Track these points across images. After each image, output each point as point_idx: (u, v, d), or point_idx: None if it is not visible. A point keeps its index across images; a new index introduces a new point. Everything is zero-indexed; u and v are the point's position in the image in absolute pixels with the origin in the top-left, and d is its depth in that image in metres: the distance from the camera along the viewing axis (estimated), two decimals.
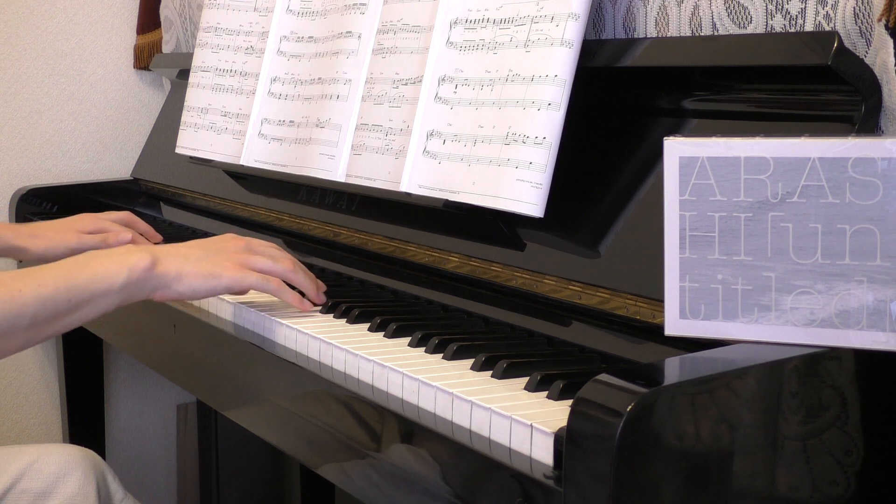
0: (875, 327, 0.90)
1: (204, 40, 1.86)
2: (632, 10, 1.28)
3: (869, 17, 1.03)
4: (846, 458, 0.92)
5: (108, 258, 1.21)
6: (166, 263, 1.23)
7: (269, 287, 1.29)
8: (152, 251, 1.24)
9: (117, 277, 1.19)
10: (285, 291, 1.31)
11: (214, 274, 1.26)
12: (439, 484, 0.98)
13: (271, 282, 1.29)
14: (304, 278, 1.34)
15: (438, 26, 1.36)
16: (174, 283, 1.24)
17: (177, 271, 1.24)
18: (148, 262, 1.21)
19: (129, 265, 1.20)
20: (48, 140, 2.33)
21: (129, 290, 1.21)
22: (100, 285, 1.18)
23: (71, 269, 1.18)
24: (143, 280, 1.21)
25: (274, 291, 1.30)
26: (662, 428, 0.82)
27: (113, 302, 1.20)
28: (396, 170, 1.37)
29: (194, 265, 1.25)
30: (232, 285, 1.27)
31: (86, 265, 1.19)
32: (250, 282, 1.28)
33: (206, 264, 1.26)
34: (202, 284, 1.25)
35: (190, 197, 2.03)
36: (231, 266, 1.27)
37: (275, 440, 1.31)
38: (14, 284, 1.13)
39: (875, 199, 0.90)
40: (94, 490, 1.38)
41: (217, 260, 1.28)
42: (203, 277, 1.25)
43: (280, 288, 1.30)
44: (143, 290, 1.22)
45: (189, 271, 1.25)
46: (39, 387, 2.35)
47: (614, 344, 1.13)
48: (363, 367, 1.14)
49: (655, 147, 1.17)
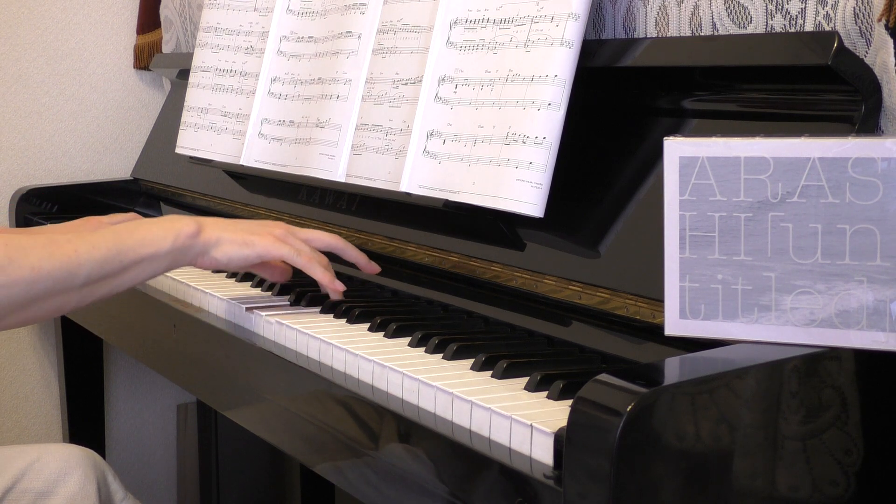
0: (875, 327, 0.90)
1: (204, 40, 1.86)
2: (632, 10, 1.28)
3: (869, 17, 1.03)
4: (846, 458, 0.92)
5: (156, 224, 1.28)
6: (208, 231, 1.29)
7: (299, 260, 1.33)
8: (198, 220, 1.30)
9: (164, 242, 1.25)
10: (315, 268, 1.34)
11: (248, 242, 1.31)
12: (439, 484, 0.98)
13: (302, 256, 1.33)
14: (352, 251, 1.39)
15: (438, 26, 1.36)
16: (212, 250, 1.30)
17: (217, 238, 1.30)
18: (193, 230, 1.28)
19: (175, 231, 1.27)
20: (48, 140, 2.33)
21: (174, 255, 1.27)
22: (148, 249, 1.24)
23: (121, 234, 1.24)
24: (187, 246, 1.27)
25: (303, 265, 1.34)
26: (662, 428, 0.82)
27: (160, 266, 1.26)
28: (396, 170, 1.37)
29: (232, 234, 1.31)
30: (263, 253, 1.32)
31: (135, 230, 1.25)
32: (282, 251, 1.33)
33: (243, 234, 1.32)
34: (236, 251, 1.31)
35: (190, 197, 2.03)
36: (267, 236, 1.33)
37: (275, 440, 1.31)
38: (69, 245, 1.18)
39: (875, 199, 0.90)
40: (95, 490, 1.38)
41: (256, 230, 1.33)
42: (238, 245, 1.31)
43: (309, 263, 1.34)
44: (186, 256, 1.28)
45: (227, 238, 1.30)
46: (39, 387, 2.35)
47: (614, 344, 1.13)
48: (363, 367, 1.14)
49: (655, 147, 1.17)
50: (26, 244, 1.16)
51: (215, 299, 1.45)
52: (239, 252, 1.31)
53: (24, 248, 1.15)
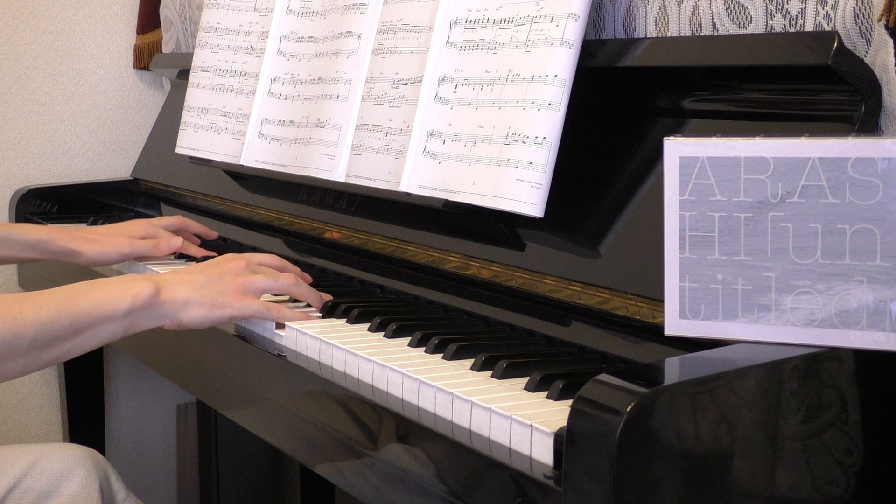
0: (875, 327, 0.90)
1: (204, 40, 1.86)
2: (632, 10, 1.28)
3: (869, 17, 1.03)
4: (846, 458, 0.92)
5: (111, 285, 1.22)
6: (171, 292, 1.24)
7: (270, 315, 1.29)
8: (156, 280, 1.24)
9: (121, 304, 1.20)
10: (287, 315, 1.30)
11: (218, 304, 1.26)
12: (439, 484, 0.98)
13: (272, 311, 1.29)
14: (307, 292, 1.35)
15: (438, 26, 1.36)
16: (180, 312, 1.24)
17: (183, 300, 1.24)
18: (151, 291, 1.22)
19: (132, 293, 1.21)
20: (48, 140, 2.33)
21: (132, 318, 1.21)
22: (102, 312, 1.19)
23: (73, 294, 1.19)
24: (147, 308, 1.22)
25: (276, 319, 1.30)
26: (662, 428, 0.82)
27: (117, 329, 1.21)
28: (396, 170, 1.37)
29: (198, 293, 1.25)
30: (235, 315, 1.28)
31: (88, 291, 1.20)
32: (252, 310, 1.28)
33: (209, 292, 1.26)
34: (207, 315, 1.26)
35: (190, 197, 2.03)
36: (233, 294, 1.27)
37: (274, 440, 1.31)
38: (15, 306, 1.14)
39: (875, 199, 0.90)
40: (97, 489, 1.38)
41: (220, 288, 1.28)
42: (208, 308, 1.25)
43: (281, 314, 1.30)
44: (150, 319, 1.23)
45: (194, 300, 1.25)
46: (39, 387, 2.35)
47: (614, 344, 1.13)
48: (363, 367, 1.14)
49: (655, 147, 1.17)
50: None
51: None
52: (210, 315, 1.26)
53: None
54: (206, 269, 1.32)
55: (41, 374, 2.35)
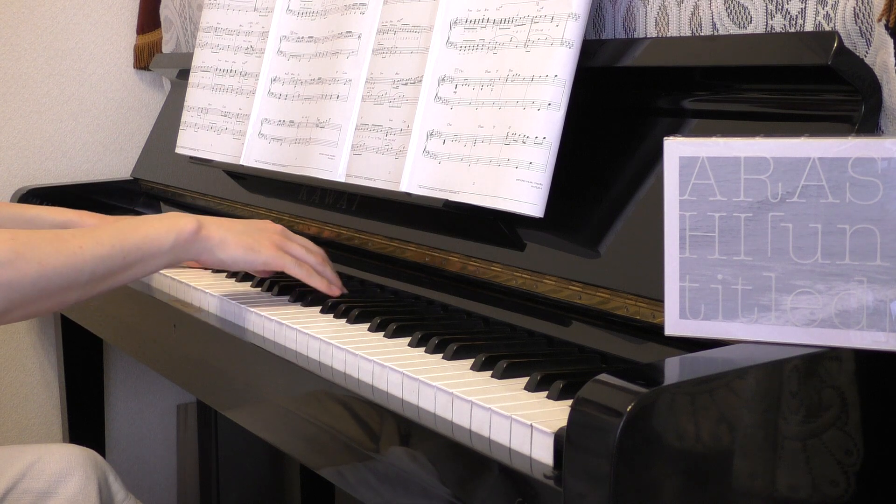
0: (875, 327, 0.90)
1: (204, 40, 1.86)
2: (632, 10, 1.28)
3: (869, 17, 1.03)
4: (846, 458, 0.92)
5: (157, 221, 1.31)
6: (211, 230, 1.33)
7: (299, 272, 1.38)
8: (198, 218, 1.33)
9: (167, 238, 1.28)
10: (314, 278, 1.38)
11: (254, 248, 1.35)
12: (439, 484, 0.98)
13: (302, 267, 1.38)
14: (330, 273, 1.42)
15: (438, 26, 1.36)
16: (217, 250, 1.33)
17: (220, 238, 1.33)
18: (194, 227, 1.31)
19: (177, 228, 1.30)
20: (48, 140, 2.33)
21: (176, 252, 1.30)
22: (151, 245, 1.27)
23: (124, 230, 1.27)
24: (189, 243, 1.30)
25: (303, 276, 1.38)
26: (662, 428, 0.82)
27: (162, 262, 1.29)
28: (396, 170, 1.37)
29: (236, 236, 1.34)
30: (269, 262, 1.36)
31: (138, 227, 1.28)
32: (285, 262, 1.37)
33: (246, 238, 1.35)
34: (242, 256, 1.35)
35: (190, 197, 2.03)
36: (270, 245, 1.37)
37: (275, 440, 1.31)
38: (75, 241, 1.21)
39: (875, 199, 0.90)
40: (96, 490, 1.38)
41: (258, 237, 1.37)
42: (244, 249, 1.35)
43: (309, 274, 1.38)
44: (189, 252, 1.31)
45: (231, 240, 1.34)
46: (39, 387, 2.35)
47: (614, 344, 1.13)
48: (363, 367, 1.14)
49: (655, 147, 1.17)
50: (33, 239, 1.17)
51: (215, 299, 1.45)
52: (244, 256, 1.35)
53: (31, 244, 1.16)
54: (246, 224, 1.41)
55: (41, 374, 2.35)
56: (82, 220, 1.60)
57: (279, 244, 1.38)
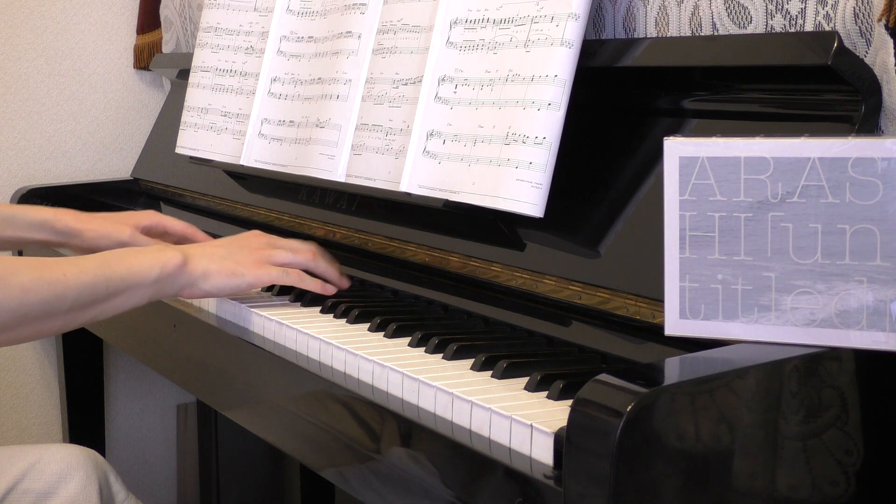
0: (875, 327, 0.90)
1: (204, 40, 1.86)
2: (632, 10, 1.28)
3: (869, 17, 1.03)
4: (846, 458, 0.92)
5: (143, 254, 1.29)
6: (194, 262, 1.30)
7: (288, 279, 1.36)
8: (183, 250, 1.31)
9: (151, 272, 1.26)
10: (305, 280, 1.37)
11: (237, 272, 1.33)
12: (438, 484, 0.98)
13: (290, 274, 1.36)
14: (325, 266, 1.41)
15: (438, 26, 1.36)
16: (200, 282, 1.31)
17: (203, 269, 1.31)
18: (179, 260, 1.29)
19: (162, 261, 1.28)
20: (48, 140, 2.33)
21: (160, 285, 1.28)
22: (135, 277, 1.25)
23: (109, 260, 1.25)
24: (173, 276, 1.28)
25: (294, 282, 1.36)
26: (662, 428, 0.82)
27: (145, 295, 1.27)
28: (396, 170, 1.37)
29: (219, 263, 1.32)
30: (254, 282, 1.34)
31: (123, 258, 1.27)
32: (271, 276, 1.35)
33: (229, 262, 1.33)
34: (226, 283, 1.32)
35: (190, 197, 2.03)
36: (252, 263, 1.34)
37: (275, 440, 1.31)
38: (58, 268, 1.19)
39: (875, 199, 0.90)
40: (97, 490, 1.38)
41: (239, 258, 1.34)
42: (226, 276, 1.32)
43: (300, 278, 1.36)
44: (173, 286, 1.29)
45: (214, 269, 1.32)
46: (39, 387, 2.35)
47: (614, 344, 1.13)
48: (363, 367, 1.14)
49: (655, 147, 1.17)
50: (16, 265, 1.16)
51: (215, 299, 1.45)
52: (228, 283, 1.32)
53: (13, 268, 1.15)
54: (229, 243, 1.39)
55: (41, 374, 2.35)
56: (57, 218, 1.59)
57: (264, 258, 1.36)
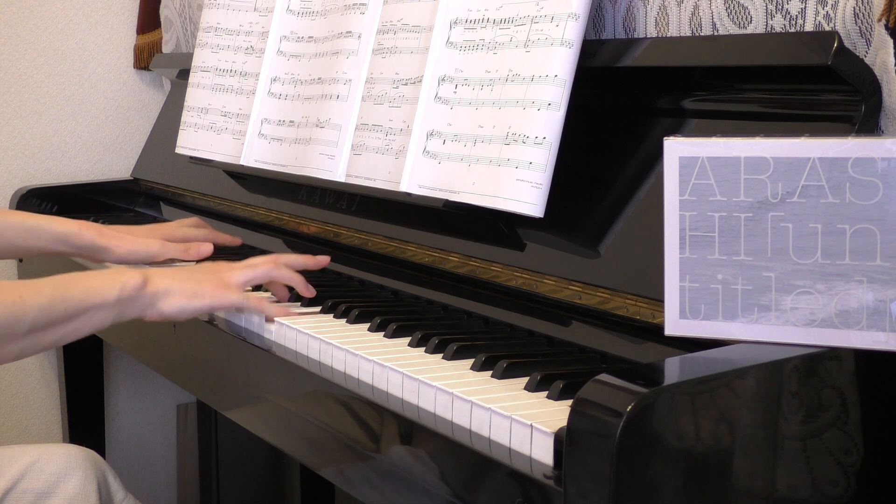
0: (875, 327, 0.90)
1: (204, 40, 1.86)
2: (632, 10, 1.28)
3: (869, 17, 1.03)
4: (846, 458, 0.92)
5: (102, 275, 1.28)
6: (156, 283, 1.30)
7: (248, 305, 1.35)
8: (144, 272, 1.30)
9: (111, 293, 1.26)
10: (266, 307, 1.34)
11: (198, 294, 1.32)
12: (438, 483, 0.98)
13: (250, 301, 1.34)
14: (288, 274, 1.39)
15: (438, 26, 1.36)
16: (161, 303, 1.30)
17: (165, 290, 1.30)
18: (139, 281, 1.28)
19: (121, 282, 1.27)
20: (48, 140, 2.33)
21: (121, 306, 1.27)
22: (94, 299, 1.24)
23: (67, 282, 1.25)
24: (134, 297, 1.28)
25: (254, 309, 1.35)
26: (662, 428, 0.82)
27: (107, 317, 1.27)
28: (396, 170, 1.37)
29: (180, 285, 1.31)
30: (215, 305, 1.34)
31: (81, 279, 1.26)
32: (232, 300, 1.34)
33: (190, 284, 1.32)
34: (186, 305, 1.32)
35: (190, 197, 2.03)
36: (213, 286, 1.34)
37: (275, 440, 1.31)
38: (14, 291, 1.18)
39: (875, 199, 0.90)
40: (96, 490, 1.38)
41: (200, 279, 1.34)
42: (187, 297, 1.31)
43: (259, 305, 1.34)
44: (135, 308, 1.28)
45: (175, 291, 1.31)
46: (39, 387, 2.35)
47: (614, 344, 1.13)
48: (363, 367, 1.14)
49: (655, 147, 1.17)
50: None
51: None
52: (188, 304, 1.31)
53: None
54: (192, 269, 1.38)
55: (41, 374, 2.35)
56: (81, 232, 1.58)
57: (225, 282, 1.34)
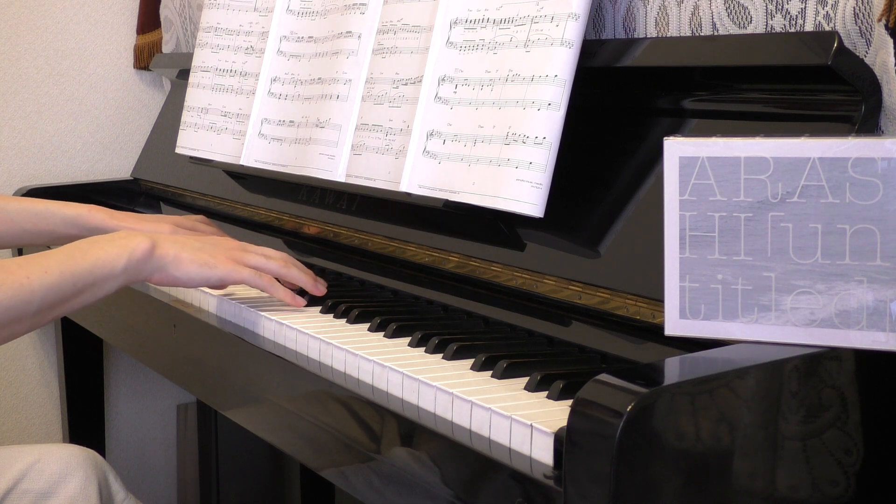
0: (875, 327, 0.90)
1: (204, 40, 1.86)
2: (632, 10, 1.28)
3: (869, 17, 1.03)
4: (846, 458, 0.92)
5: (109, 243, 1.25)
6: (165, 247, 1.28)
7: (259, 282, 1.33)
8: (151, 236, 1.28)
9: (118, 261, 1.24)
10: (276, 288, 1.34)
11: (210, 263, 1.30)
12: (438, 483, 0.98)
13: (263, 278, 1.33)
14: (297, 273, 1.38)
15: (438, 26, 1.36)
16: (171, 267, 1.28)
17: (174, 255, 1.28)
18: (148, 246, 1.26)
19: (129, 249, 1.25)
20: (48, 140, 2.33)
21: (129, 273, 1.25)
22: (102, 269, 1.23)
23: (74, 255, 1.22)
24: (142, 262, 1.26)
25: (264, 287, 1.34)
26: (662, 428, 0.82)
27: (115, 285, 1.25)
28: (396, 170, 1.37)
29: (191, 253, 1.30)
30: (225, 276, 1.32)
31: (88, 251, 1.23)
32: (243, 275, 1.32)
33: (202, 254, 1.31)
34: (197, 272, 1.30)
35: (190, 197, 2.03)
36: (226, 259, 1.32)
37: (275, 440, 1.31)
38: (21, 272, 1.17)
39: (875, 199, 0.90)
40: (96, 490, 1.38)
41: (213, 252, 1.32)
42: (198, 265, 1.30)
43: (271, 284, 1.34)
44: (142, 273, 1.27)
45: (185, 257, 1.29)
46: (39, 387, 2.35)
47: (614, 344, 1.13)
48: (363, 367, 1.14)
49: (655, 147, 1.17)
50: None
51: (215, 299, 1.45)
52: (199, 272, 1.30)
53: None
54: (203, 238, 1.37)
55: (41, 374, 2.35)
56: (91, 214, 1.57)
57: (237, 258, 1.33)
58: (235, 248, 1.36)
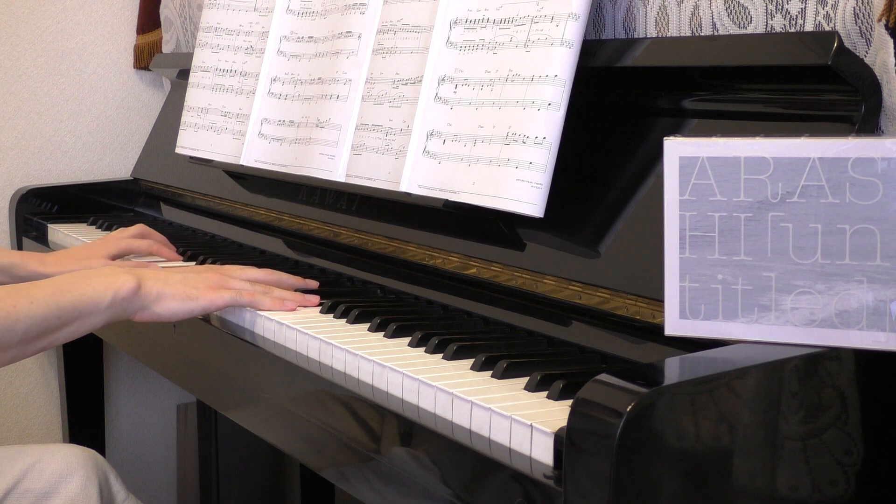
0: (875, 327, 0.90)
1: (204, 40, 1.86)
2: (632, 10, 1.28)
3: (869, 17, 1.03)
4: (846, 458, 0.92)
5: (97, 279, 1.27)
6: (148, 286, 1.30)
7: (242, 301, 1.35)
8: (137, 273, 1.31)
9: (104, 298, 1.26)
10: (261, 301, 1.35)
11: (191, 296, 1.32)
12: (438, 483, 0.98)
13: (243, 295, 1.35)
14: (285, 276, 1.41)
15: (438, 26, 1.36)
16: (153, 305, 1.30)
17: (157, 293, 1.30)
18: (133, 285, 1.28)
19: (115, 287, 1.27)
20: (48, 140, 2.33)
21: (114, 310, 1.27)
22: (87, 305, 1.25)
23: (61, 288, 1.24)
24: (127, 301, 1.28)
25: (249, 304, 1.35)
26: (662, 428, 0.82)
27: (99, 321, 1.27)
28: (396, 170, 1.37)
29: (173, 287, 1.32)
30: (208, 306, 1.34)
31: (75, 285, 1.25)
32: (225, 299, 1.34)
33: (183, 287, 1.33)
34: (179, 306, 1.32)
35: (190, 197, 2.03)
36: (206, 289, 1.34)
37: (275, 440, 1.31)
38: (8, 301, 1.18)
39: (875, 199, 0.90)
40: (97, 490, 1.38)
41: (195, 282, 1.34)
42: (180, 300, 1.32)
43: (253, 299, 1.35)
44: (127, 311, 1.29)
45: (168, 293, 1.31)
46: (39, 387, 2.35)
47: (614, 344, 1.13)
48: (363, 367, 1.14)
49: (655, 147, 1.17)
50: None
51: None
52: (182, 307, 1.32)
53: None
54: (185, 270, 1.39)
55: (41, 374, 2.35)
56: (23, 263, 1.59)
57: (218, 283, 1.35)
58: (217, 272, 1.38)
